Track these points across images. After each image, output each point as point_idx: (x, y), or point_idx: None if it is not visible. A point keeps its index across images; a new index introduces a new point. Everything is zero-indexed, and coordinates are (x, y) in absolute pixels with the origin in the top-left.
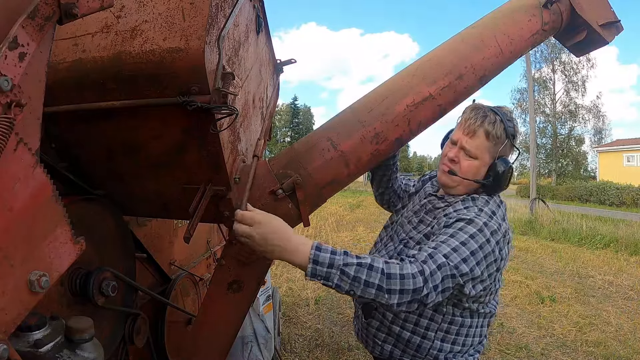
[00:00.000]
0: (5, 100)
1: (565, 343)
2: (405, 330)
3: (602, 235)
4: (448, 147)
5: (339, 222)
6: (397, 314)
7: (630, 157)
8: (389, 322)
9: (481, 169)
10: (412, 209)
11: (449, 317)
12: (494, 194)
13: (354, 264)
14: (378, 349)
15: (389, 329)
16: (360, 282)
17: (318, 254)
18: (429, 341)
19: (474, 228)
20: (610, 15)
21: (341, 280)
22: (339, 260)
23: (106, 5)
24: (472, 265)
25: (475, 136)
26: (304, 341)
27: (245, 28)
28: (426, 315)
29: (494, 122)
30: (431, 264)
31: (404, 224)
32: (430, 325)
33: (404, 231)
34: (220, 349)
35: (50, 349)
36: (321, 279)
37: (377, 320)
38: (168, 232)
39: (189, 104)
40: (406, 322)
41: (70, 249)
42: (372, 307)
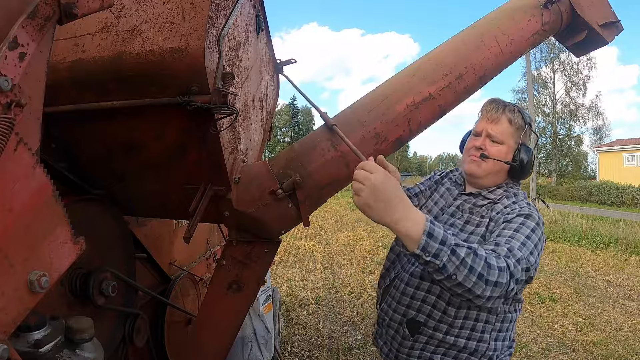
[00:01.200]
0: (5, 100)
1: (565, 343)
2: (461, 337)
3: (602, 235)
4: (471, 140)
5: (339, 222)
6: (452, 324)
7: (630, 157)
8: (442, 333)
9: (508, 154)
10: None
11: (502, 316)
12: (520, 179)
13: (464, 246)
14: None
15: (441, 340)
16: (466, 267)
17: (433, 228)
18: (484, 343)
19: (532, 222)
20: (610, 15)
21: (449, 261)
22: (451, 239)
23: (106, 5)
24: (536, 256)
25: (499, 123)
26: (304, 341)
27: (245, 28)
28: (482, 319)
29: (514, 111)
30: (512, 258)
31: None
32: (486, 327)
33: None
34: (220, 349)
35: (50, 349)
36: (429, 255)
37: (425, 336)
38: (168, 232)
39: (189, 104)
40: (462, 330)
41: (70, 249)
42: (420, 323)
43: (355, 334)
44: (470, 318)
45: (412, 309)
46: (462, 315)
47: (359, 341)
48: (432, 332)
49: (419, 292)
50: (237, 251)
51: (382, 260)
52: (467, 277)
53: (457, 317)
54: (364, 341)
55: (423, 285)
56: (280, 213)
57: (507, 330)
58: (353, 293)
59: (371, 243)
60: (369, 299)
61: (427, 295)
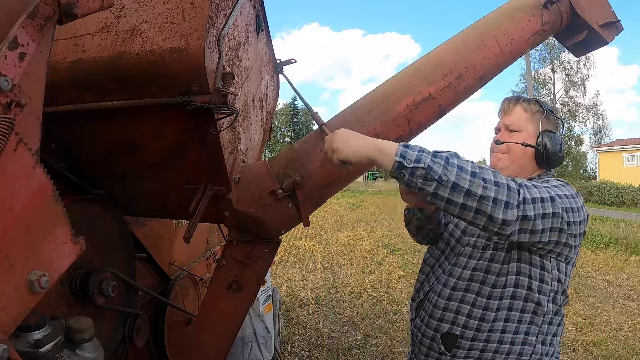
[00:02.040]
0: (5, 100)
1: (565, 343)
2: (504, 343)
3: (602, 235)
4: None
5: (339, 222)
6: (491, 330)
7: (630, 157)
8: (482, 342)
9: (529, 140)
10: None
11: (548, 317)
12: (552, 166)
13: (443, 153)
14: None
15: (483, 350)
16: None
17: (408, 144)
18: (530, 346)
19: (563, 188)
20: (610, 15)
21: (433, 162)
22: (428, 150)
23: (106, 5)
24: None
25: (513, 112)
26: (304, 341)
27: (245, 28)
28: (525, 321)
29: (528, 100)
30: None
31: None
32: (531, 329)
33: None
34: (220, 349)
35: (50, 349)
36: (411, 162)
37: (463, 349)
38: (168, 232)
39: (189, 104)
40: (505, 334)
41: (70, 249)
42: (456, 336)
43: (355, 334)
44: (512, 320)
45: (446, 322)
46: (503, 317)
47: (359, 341)
48: (470, 344)
49: (452, 303)
50: (237, 251)
51: (382, 260)
52: (459, 176)
53: (497, 320)
54: (364, 341)
55: (455, 295)
56: (280, 213)
57: (556, 335)
58: (353, 293)
59: (371, 243)
60: (369, 299)
61: (460, 305)
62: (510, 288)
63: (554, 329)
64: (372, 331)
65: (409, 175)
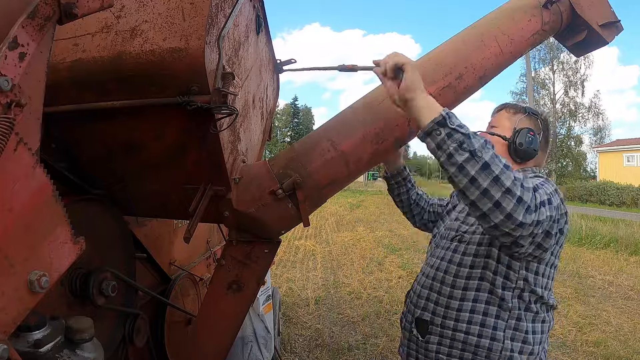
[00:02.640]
0: (5, 100)
1: (565, 343)
2: (471, 335)
3: (602, 235)
4: None
5: (339, 222)
6: (457, 319)
7: (630, 157)
8: (450, 330)
9: (504, 134)
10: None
11: (515, 312)
12: (522, 159)
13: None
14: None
15: (452, 338)
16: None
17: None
18: (499, 342)
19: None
20: (610, 15)
21: (474, 136)
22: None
23: (106, 5)
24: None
25: (498, 114)
26: (304, 341)
27: (245, 28)
28: (492, 313)
29: (515, 105)
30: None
31: (449, 227)
32: (498, 323)
33: (453, 229)
34: (220, 349)
35: (50, 349)
36: (453, 125)
37: (435, 335)
38: (168, 232)
39: (189, 104)
40: (471, 325)
41: (70, 249)
42: (427, 322)
43: (355, 334)
44: (477, 312)
45: (419, 307)
46: (468, 308)
47: (359, 341)
48: (440, 330)
49: (424, 291)
50: (237, 251)
51: (382, 260)
52: (493, 160)
53: (462, 310)
54: (364, 341)
55: (427, 283)
56: (280, 213)
57: (528, 332)
58: (353, 293)
59: (371, 243)
60: (369, 299)
61: (430, 293)
62: (476, 281)
63: (529, 326)
64: (372, 331)
65: (445, 135)
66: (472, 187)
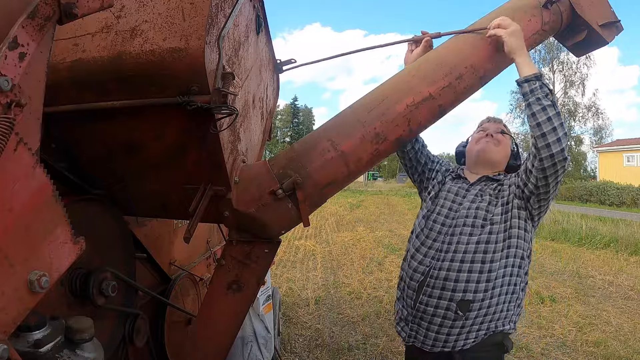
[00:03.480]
0: (5, 100)
1: (565, 343)
2: (501, 295)
3: (602, 235)
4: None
5: (339, 222)
6: (494, 287)
7: (630, 157)
8: (488, 299)
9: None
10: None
11: (526, 269)
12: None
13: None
14: (471, 338)
15: (489, 305)
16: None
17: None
18: (515, 294)
19: None
20: (610, 15)
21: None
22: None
23: (106, 5)
24: None
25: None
26: (304, 341)
27: (245, 28)
28: (514, 274)
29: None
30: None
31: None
32: (518, 281)
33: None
34: (220, 349)
35: (50, 349)
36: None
37: (474, 310)
38: (168, 232)
39: (189, 104)
40: (502, 289)
41: (70, 249)
42: (469, 301)
43: (355, 334)
44: (507, 277)
45: (459, 291)
46: (501, 277)
47: (359, 341)
48: (481, 304)
49: (462, 274)
50: (237, 251)
51: (382, 260)
52: (560, 112)
53: (497, 279)
54: (364, 341)
55: (464, 267)
56: (280, 213)
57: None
58: (353, 293)
59: (371, 243)
60: (369, 299)
61: (469, 275)
62: (505, 252)
63: (521, 284)
64: (372, 331)
65: (539, 84)
66: (548, 123)
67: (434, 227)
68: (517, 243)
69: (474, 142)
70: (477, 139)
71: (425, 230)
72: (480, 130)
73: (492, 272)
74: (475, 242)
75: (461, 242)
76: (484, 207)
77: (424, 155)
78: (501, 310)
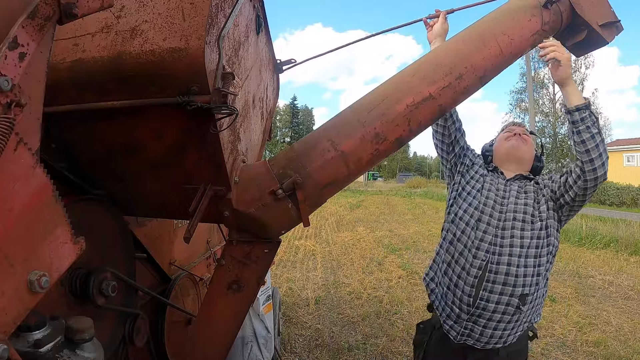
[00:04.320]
0: (5, 100)
1: (565, 343)
2: (543, 287)
3: (602, 235)
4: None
5: (339, 222)
6: (541, 279)
7: (630, 157)
8: (537, 291)
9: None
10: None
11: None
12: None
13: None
14: (520, 331)
15: (537, 296)
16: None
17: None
18: (546, 287)
19: None
20: (610, 15)
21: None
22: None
23: (106, 5)
24: None
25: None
26: (304, 341)
27: (245, 28)
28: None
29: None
30: None
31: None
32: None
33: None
34: (220, 349)
35: (50, 349)
36: (589, 114)
37: (528, 303)
38: (168, 232)
39: (189, 104)
40: (542, 280)
41: (70, 249)
42: (526, 295)
43: (355, 334)
44: (546, 271)
45: (518, 286)
46: (545, 268)
47: (359, 341)
48: (533, 297)
49: (520, 269)
50: (237, 251)
51: (382, 260)
52: (604, 139)
53: (543, 272)
54: (364, 341)
55: (522, 262)
56: (280, 213)
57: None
58: (353, 293)
59: (371, 243)
60: (369, 299)
61: (526, 270)
62: (547, 248)
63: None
64: (372, 331)
65: (588, 113)
66: (596, 150)
67: (482, 218)
68: (554, 241)
69: (502, 140)
70: (505, 137)
71: (472, 222)
72: (506, 132)
73: (541, 267)
74: (529, 237)
75: (515, 236)
76: (530, 204)
77: (463, 138)
78: (539, 303)
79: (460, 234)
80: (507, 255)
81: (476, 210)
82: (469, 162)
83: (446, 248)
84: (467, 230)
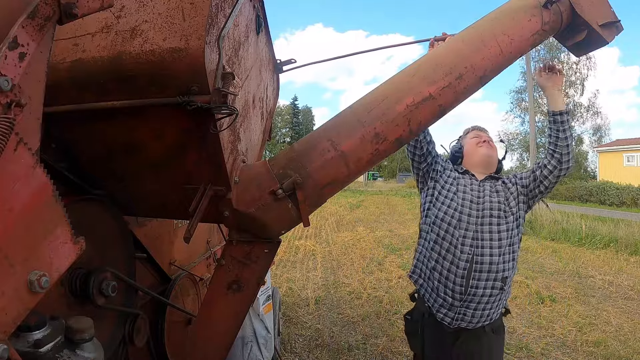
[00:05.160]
0: (5, 100)
1: (565, 343)
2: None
3: (602, 235)
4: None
5: (339, 222)
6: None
7: (630, 157)
8: (511, 273)
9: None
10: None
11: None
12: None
13: None
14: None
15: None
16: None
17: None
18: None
19: None
20: (611, 15)
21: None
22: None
23: (106, 5)
24: None
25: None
26: (304, 341)
27: (245, 28)
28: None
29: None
30: None
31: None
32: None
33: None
34: (220, 348)
35: (50, 349)
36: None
37: (508, 285)
38: (168, 232)
39: (189, 104)
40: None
41: (70, 249)
42: (506, 278)
43: (355, 334)
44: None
45: (500, 271)
46: (518, 253)
47: (359, 341)
48: (511, 278)
49: (501, 257)
50: (237, 251)
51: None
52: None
53: (516, 257)
54: (364, 341)
55: (500, 251)
56: (280, 213)
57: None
58: (353, 293)
59: (371, 243)
60: (369, 299)
61: (504, 257)
62: (518, 237)
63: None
64: (372, 331)
65: (567, 116)
66: (569, 148)
67: (462, 218)
68: (522, 229)
69: (474, 146)
70: (476, 143)
71: (454, 222)
72: (474, 137)
73: (515, 253)
74: (505, 229)
75: (493, 231)
76: (502, 201)
77: (434, 149)
78: (511, 281)
79: (444, 234)
80: (489, 247)
81: (455, 212)
82: (441, 168)
83: (431, 247)
84: (450, 230)
